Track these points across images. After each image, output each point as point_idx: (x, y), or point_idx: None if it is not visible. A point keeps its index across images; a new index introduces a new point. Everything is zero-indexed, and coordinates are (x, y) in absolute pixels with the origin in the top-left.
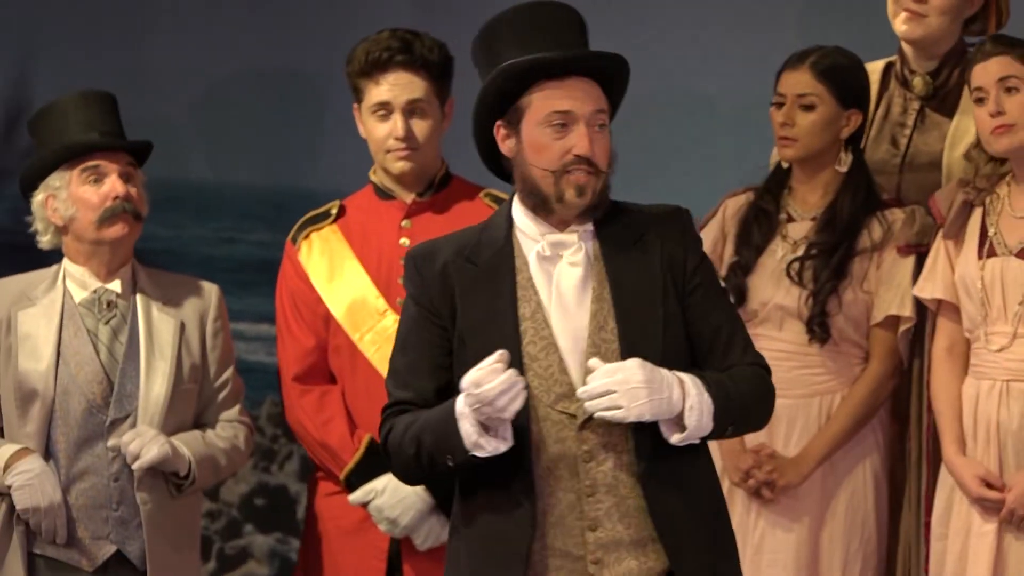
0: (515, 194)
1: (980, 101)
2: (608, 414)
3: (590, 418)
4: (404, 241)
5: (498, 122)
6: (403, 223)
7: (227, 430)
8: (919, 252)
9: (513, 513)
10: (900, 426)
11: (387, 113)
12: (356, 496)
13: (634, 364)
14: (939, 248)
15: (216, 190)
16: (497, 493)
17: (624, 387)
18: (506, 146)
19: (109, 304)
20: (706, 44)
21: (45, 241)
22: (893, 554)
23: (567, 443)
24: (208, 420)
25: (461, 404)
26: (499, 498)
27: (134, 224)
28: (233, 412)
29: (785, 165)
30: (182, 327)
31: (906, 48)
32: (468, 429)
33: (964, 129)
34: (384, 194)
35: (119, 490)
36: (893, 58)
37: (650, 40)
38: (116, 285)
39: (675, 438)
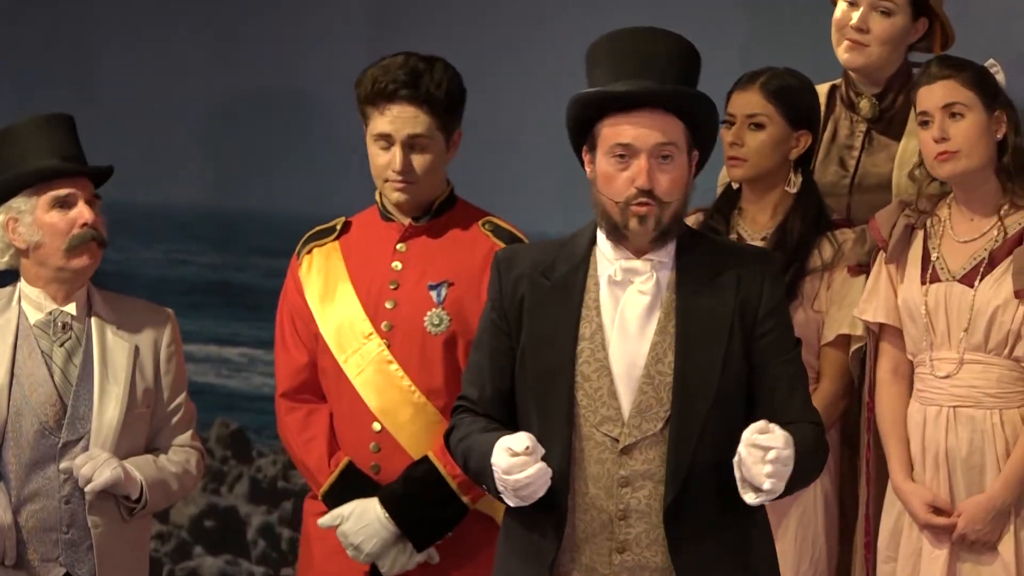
0: None
1: (925, 124)
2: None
3: (633, 444)
4: (396, 265)
5: (584, 147)
6: (398, 246)
7: (179, 454)
8: (869, 272)
9: (547, 526)
10: (850, 446)
11: (388, 144)
12: (324, 520)
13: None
14: (880, 271)
15: (166, 212)
16: (536, 505)
17: (782, 463)
18: (588, 171)
19: (64, 326)
20: None
21: (2, 263)
22: (843, 573)
23: (606, 465)
24: (160, 444)
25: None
26: (537, 510)
27: (98, 252)
28: (185, 437)
29: (736, 185)
30: (136, 351)
31: (852, 74)
32: (497, 487)
33: (912, 151)
34: (386, 215)
35: (70, 512)
36: (838, 81)
37: None
38: (71, 307)
39: (749, 499)
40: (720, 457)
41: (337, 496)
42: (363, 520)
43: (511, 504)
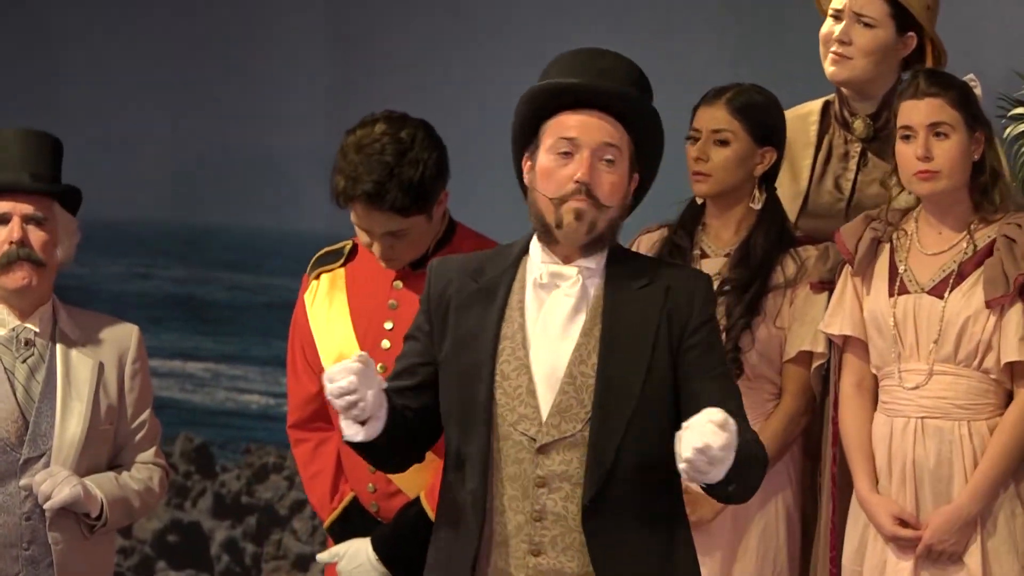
0: None
1: (906, 139)
2: (692, 475)
3: (550, 444)
4: (392, 303)
5: (525, 156)
6: (395, 283)
7: (142, 471)
8: (832, 289)
9: (464, 528)
10: (812, 461)
11: (370, 234)
12: (322, 556)
13: (727, 432)
14: (846, 284)
15: (129, 226)
16: (456, 507)
17: (719, 462)
18: (528, 177)
19: (27, 342)
20: None
21: None
22: None
23: (523, 465)
24: (124, 461)
25: None
26: (456, 512)
27: (35, 271)
28: (149, 454)
29: (700, 201)
30: (100, 367)
31: (844, 90)
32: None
33: None
34: None
35: (31, 529)
36: (831, 96)
37: None
38: (35, 323)
39: (681, 467)
40: (641, 462)
41: (339, 532)
42: (356, 560)
43: (348, 434)
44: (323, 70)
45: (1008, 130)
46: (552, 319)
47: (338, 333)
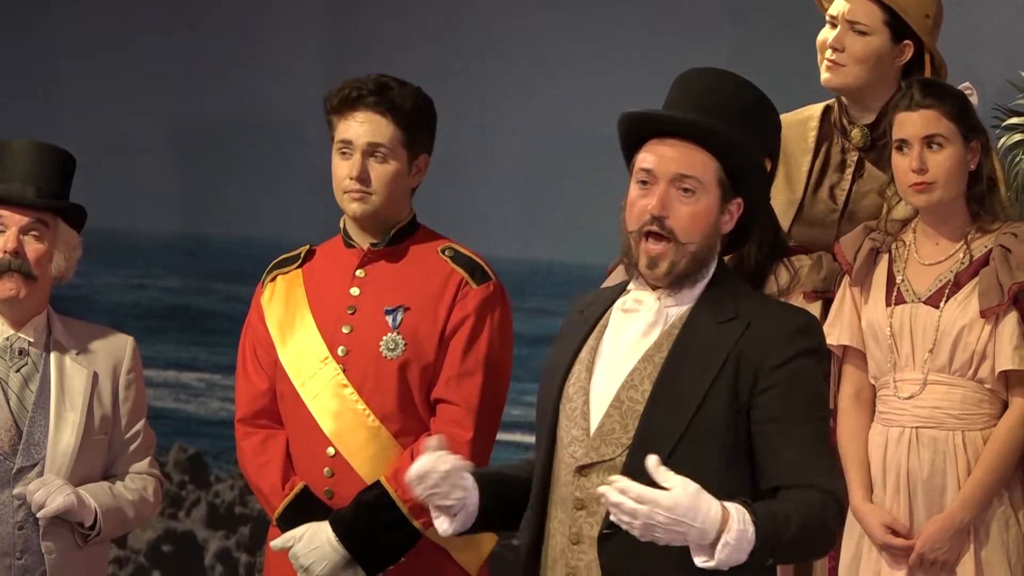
0: None
1: (901, 150)
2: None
3: (590, 466)
4: (354, 291)
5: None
6: (357, 272)
7: (136, 482)
8: (826, 298)
9: (527, 548)
10: None
11: (349, 152)
12: (276, 542)
13: (675, 494)
14: (845, 294)
15: (125, 237)
16: (526, 525)
17: (644, 519)
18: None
19: (21, 352)
20: (617, 92)
21: None
22: None
23: (569, 487)
24: (118, 471)
25: None
26: (524, 531)
27: (26, 283)
28: (143, 464)
29: None
30: (95, 378)
31: (844, 98)
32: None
33: None
34: (347, 241)
35: (24, 538)
36: (831, 101)
37: (567, 87)
38: (29, 333)
39: (698, 561)
40: None
41: (290, 520)
42: (314, 542)
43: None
44: (319, 81)
45: (1003, 140)
46: (620, 343)
47: (299, 326)
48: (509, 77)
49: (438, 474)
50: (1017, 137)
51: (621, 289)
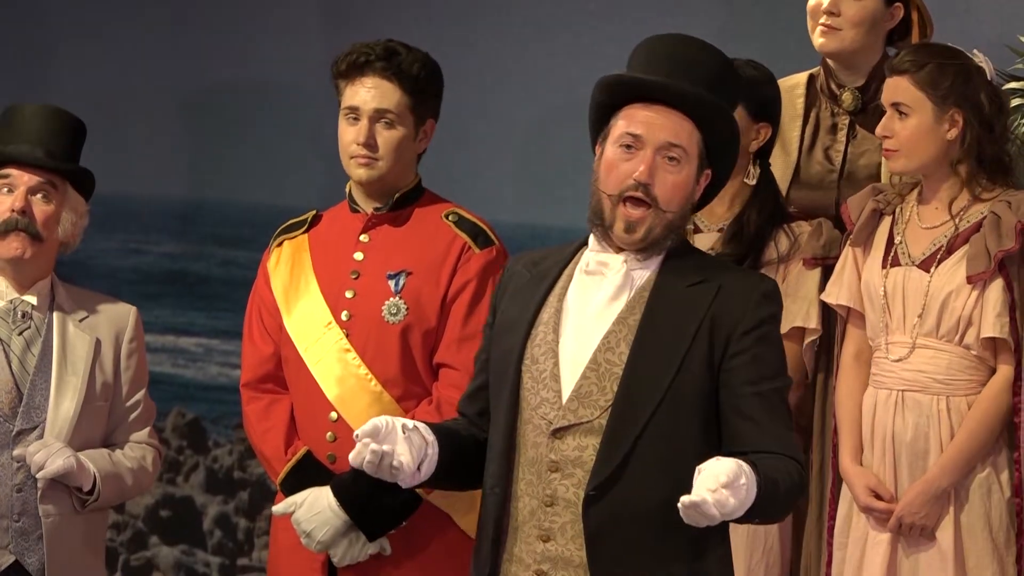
0: None
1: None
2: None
3: (566, 428)
4: (358, 256)
5: (598, 137)
6: (361, 237)
7: (136, 451)
8: (825, 265)
9: (486, 513)
10: (803, 437)
11: (356, 118)
12: (278, 508)
13: (712, 469)
14: (847, 255)
15: (122, 201)
16: (488, 489)
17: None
18: (596, 164)
19: (24, 315)
20: (616, 57)
21: None
22: (796, 565)
23: (540, 449)
24: (117, 440)
25: None
26: (487, 494)
27: (32, 244)
28: (143, 434)
29: None
30: (97, 345)
31: (831, 62)
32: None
33: None
34: (352, 206)
35: (21, 501)
36: (816, 70)
37: (566, 51)
38: (32, 298)
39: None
40: (664, 457)
41: (293, 484)
42: (315, 508)
43: (406, 482)
44: (317, 45)
45: None
46: (588, 305)
47: (303, 291)
48: (508, 40)
49: (388, 427)
50: (1016, 102)
51: (574, 250)
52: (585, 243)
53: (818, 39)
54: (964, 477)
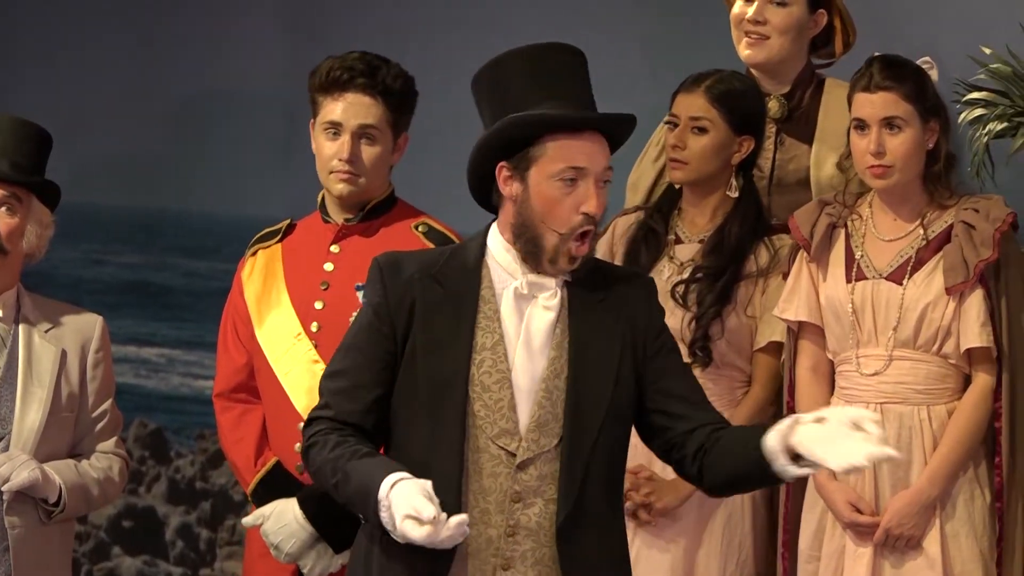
0: (493, 224)
1: (860, 130)
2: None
3: (530, 460)
4: (328, 266)
5: (502, 163)
6: (331, 247)
7: (102, 461)
8: None
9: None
10: None
11: (337, 133)
12: (247, 520)
13: (837, 415)
14: (801, 270)
15: (85, 212)
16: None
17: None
18: (508, 188)
19: None
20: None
21: None
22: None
23: (500, 479)
24: (84, 450)
25: (385, 493)
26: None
27: None
28: (109, 444)
29: (677, 186)
30: (63, 355)
31: (755, 72)
32: (386, 520)
33: (824, 157)
34: (325, 217)
35: None
36: None
37: None
38: None
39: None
40: (607, 473)
41: (263, 495)
42: (282, 520)
43: (395, 537)
44: (279, 56)
45: (964, 115)
46: (534, 331)
47: (274, 301)
48: (472, 48)
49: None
50: (978, 112)
51: (476, 260)
52: (482, 247)
53: (744, 50)
54: (952, 485)
